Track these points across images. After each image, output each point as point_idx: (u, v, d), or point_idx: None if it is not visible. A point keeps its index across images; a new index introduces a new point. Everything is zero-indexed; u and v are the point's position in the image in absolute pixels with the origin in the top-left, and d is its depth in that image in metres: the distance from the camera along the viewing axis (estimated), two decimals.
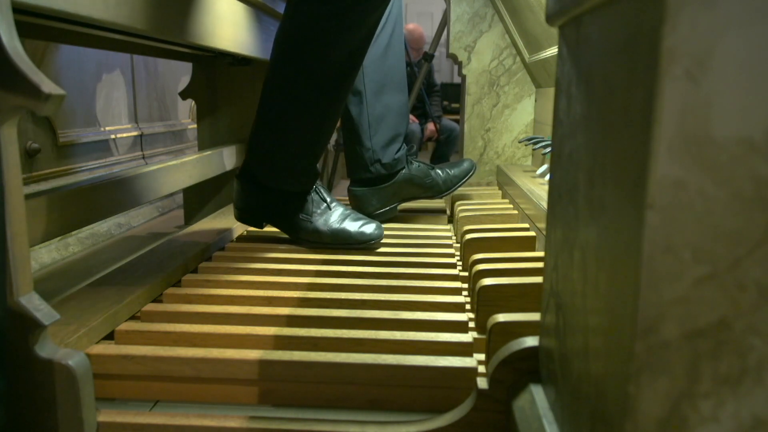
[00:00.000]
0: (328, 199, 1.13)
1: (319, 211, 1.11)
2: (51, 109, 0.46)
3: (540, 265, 0.84)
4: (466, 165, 1.39)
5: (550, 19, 0.46)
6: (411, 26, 3.30)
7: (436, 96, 3.34)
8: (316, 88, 1.03)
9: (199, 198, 1.67)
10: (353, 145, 1.32)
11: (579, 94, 0.40)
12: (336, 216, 1.11)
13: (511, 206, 1.35)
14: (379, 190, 1.31)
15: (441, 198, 1.41)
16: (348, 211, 1.13)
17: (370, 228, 1.11)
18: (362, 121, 1.30)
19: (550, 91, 1.44)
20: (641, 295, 0.27)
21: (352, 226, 1.10)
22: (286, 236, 1.16)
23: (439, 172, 1.38)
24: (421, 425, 0.54)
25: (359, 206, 1.31)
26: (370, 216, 1.26)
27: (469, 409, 0.53)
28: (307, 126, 1.06)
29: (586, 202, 0.37)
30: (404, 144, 1.37)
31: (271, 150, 1.07)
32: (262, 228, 1.14)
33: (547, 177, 0.71)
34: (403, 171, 1.34)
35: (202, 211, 1.66)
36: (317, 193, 1.12)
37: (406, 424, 0.54)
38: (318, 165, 1.14)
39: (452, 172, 1.38)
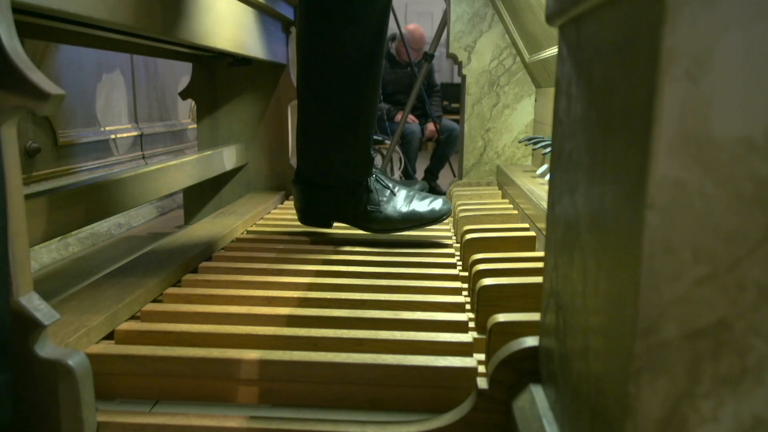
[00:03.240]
0: (390, 185, 1.13)
1: (384, 198, 1.11)
2: (51, 109, 0.46)
3: (540, 265, 0.84)
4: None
5: (550, 19, 0.46)
6: (411, 26, 3.30)
7: (436, 96, 3.34)
8: (342, 79, 1.04)
9: (199, 198, 1.67)
10: None
11: (579, 94, 0.40)
12: (401, 200, 1.11)
13: (511, 206, 1.35)
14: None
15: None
16: (411, 192, 1.14)
17: (438, 204, 1.11)
18: None
19: (550, 91, 1.44)
20: (641, 295, 0.27)
21: (421, 206, 1.10)
22: (286, 236, 1.17)
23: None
24: (421, 425, 0.54)
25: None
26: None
27: (469, 409, 0.53)
28: (347, 117, 1.06)
29: (586, 202, 0.37)
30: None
31: (323, 151, 1.08)
32: (330, 227, 1.15)
33: (547, 177, 0.71)
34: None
35: (202, 211, 1.66)
36: (378, 181, 1.12)
37: (406, 424, 0.54)
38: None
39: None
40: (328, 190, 1.10)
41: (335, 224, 1.21)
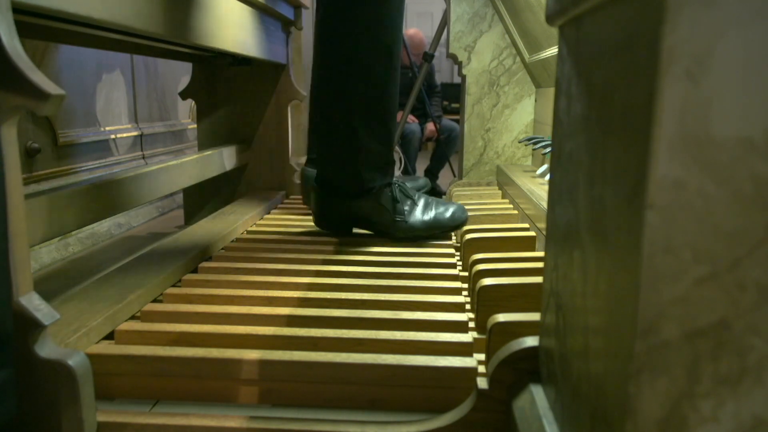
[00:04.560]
0: (411, 194, 1.15)
1: (407, 207, 1.13)
2: (51, 109, 0.46)
3: (540, 265, 0.84)
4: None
5: (550, 19, 0.46)
6: (411, 31, 3.29)
7: (436, 96, 3.35)
8: (364, 77, 1.04)
9: (199, 198, 1.67)
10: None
11: (579, 94, 0.40)
12: (422, 207, 1.14)
13: (511, 206, 1.35)
14: None
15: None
16: (429, 199, 1.16)
17: (459, 211, 1.14)
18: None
19: (550, 91, 1.44)
20: (641, 295, 0.27)
21: (442, 214, 1.13)
22: (286, 236, 1.16)
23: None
24: (421, 425, 0.54)
25: (305, 186, 1.28)
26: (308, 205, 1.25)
27: (469, 409, 0.53)
28: (370, 117, 1.07)
29: (586, 202, 0.37)
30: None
31: (348, 156, 1.08)
32: (350, 234, 1.16)
33: (547, 177, 0.71)
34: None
35: (202, 211, 1.66)
36: (401, 190, 1.14)
37: (406, 424, 0.54)
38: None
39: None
40: (352, 198, 1.11)
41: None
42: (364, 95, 1.05)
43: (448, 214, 1.13)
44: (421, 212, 1.13)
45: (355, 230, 1.19)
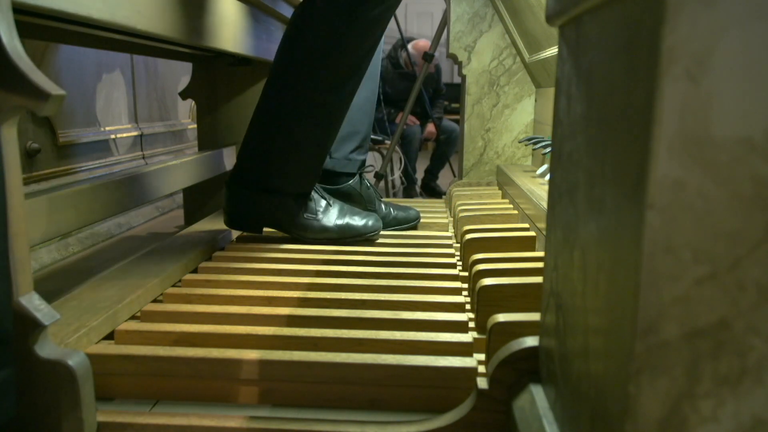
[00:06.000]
0: (326, 196, 1.14)
1: (321, 209, 1.12)
2: (51, 109, 0.46)
3: (540, 265, 0.84)
4: (412, 214, 1.31)
5: (550, 19, 0.46)
6: (421, 43, 3.25)
7: (440, 99, 3.36)
8: (326, 88, 1.04)
9: (199, 198, 1.67)
10: None
11: (579, 94, 0.40)
12: (337, 212, 1.13)
13: (511, 206, 1.35)
14: (327, 191, 1.23)
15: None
16: (345, 206, 1.15)
17: (372, 220, 1.13)
18: None
19: (550, 91, 1.44)
20: (641, 295, 0.27)
21: (356, 220, 1.12)
22: (286, 236, 1.16)
23: (384, 207, 1.29)
24: (421, 425, 0.54)
25: None
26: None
27: (469, 409, 0.53)
28: (320, 127, 1.07)
29: (586, 202, 0.37)
30: (364, 149, 1.30)
31: (283, 154, 1.07)
32: (261, 233, 1.14)
33: (547, 177, 0.71)
34: (351, 182, 1.28)
35: (202, 211, 1.66)
36: (316, 191, 1.13)
37: (406, 424, 0.54)
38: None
39: (397, 214, 1.29)
40: (265, 195, 1.08)
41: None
42: (326, 97, 1.04)
43: (362, 222, 1.13)
44: (335, 216, 1.12)
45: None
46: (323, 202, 1.13)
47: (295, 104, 1.05)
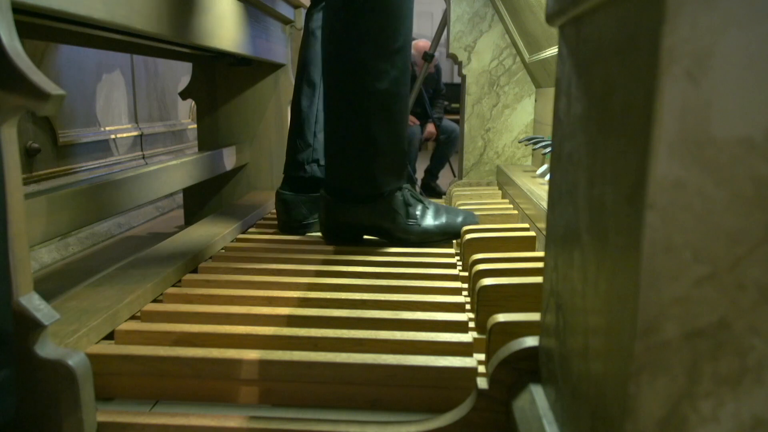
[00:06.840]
0: (422, 198, 1.14)
1: (419, 212, 1.12)
2: (51, 109, 0.46)
3: (540, 265, 0.84)
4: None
5: (550, 19, 0.46)
6: (421, 43, 3.25)
7: (440, 99, 3.36)
8: (384, 75, 1.03)
9: (199, 198, 1.67)
10: (294, 138, 1.26)
11: (579, 94, 0.40)
12: (433, 212, 1.13)
13: (511, 206, 1.35)
14: (311, 199, 1.22)
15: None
16: (438, 205, 1.16)
17: (466, 215, 1.14)
18: (309, 114, 1.24)
19: (550, 91, 1.44)
20: (641, 295, 0.27)
21: (452, 218, 1.13)
22: (285, 236, 1.16)
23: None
24: (421, 425, 0.54)
25: (286, 212, 1.21)
26: (300, 225, 1.21)
27: (469, 409, 0.53)
28: (391, 118, 1.06)
29: (586, 202, 0.37)
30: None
31: (364, 156, 1.07)
32: (360, 243, 1.13)
33: (547, 177, 0.71)
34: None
35: (202, 211, 1.66)
36: (412, 195, 1.13)
37: (406, 424, 0.54)
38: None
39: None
40: (365, 204, 1.08)
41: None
42: (379, 99, 1.04)
43: (459, 218, 1.13)
44: (433, 217, 1.12)
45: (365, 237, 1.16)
46: (420, 205, 1.13)
47: (360, 101, 1.05)
